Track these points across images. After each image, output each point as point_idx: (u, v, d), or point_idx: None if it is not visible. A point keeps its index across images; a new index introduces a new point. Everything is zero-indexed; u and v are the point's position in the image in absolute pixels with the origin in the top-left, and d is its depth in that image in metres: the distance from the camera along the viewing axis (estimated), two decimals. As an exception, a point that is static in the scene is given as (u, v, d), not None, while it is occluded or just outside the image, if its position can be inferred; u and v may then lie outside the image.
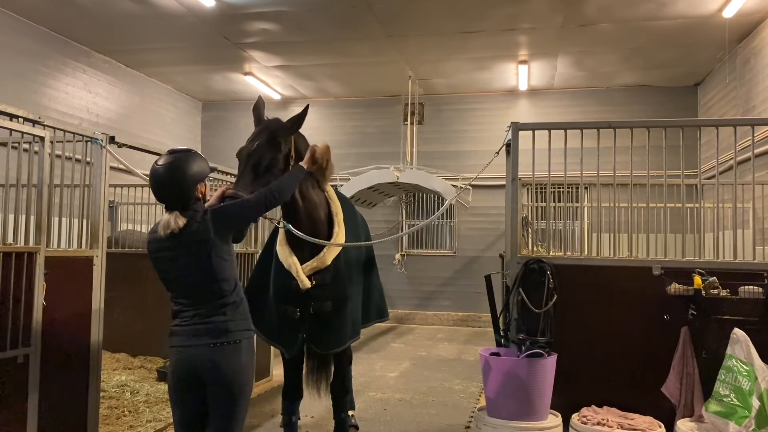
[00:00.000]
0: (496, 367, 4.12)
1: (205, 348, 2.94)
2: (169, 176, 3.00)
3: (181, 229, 2.95)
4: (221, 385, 2.96)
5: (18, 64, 9.24)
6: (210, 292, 3.00)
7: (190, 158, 3.09)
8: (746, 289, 4.32)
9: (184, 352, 2.98)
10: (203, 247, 2.96)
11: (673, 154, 4.63)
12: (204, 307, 3.00)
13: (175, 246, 2.98)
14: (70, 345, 4.28)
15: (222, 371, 2.94)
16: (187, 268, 2.99)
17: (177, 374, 3.01)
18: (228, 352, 2.97)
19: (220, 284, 3.01)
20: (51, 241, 4.34)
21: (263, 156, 3.54)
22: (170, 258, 3.01)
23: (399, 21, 9.39)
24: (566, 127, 4.88)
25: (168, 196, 3.03)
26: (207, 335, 2.95)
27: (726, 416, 3.79)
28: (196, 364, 2.94)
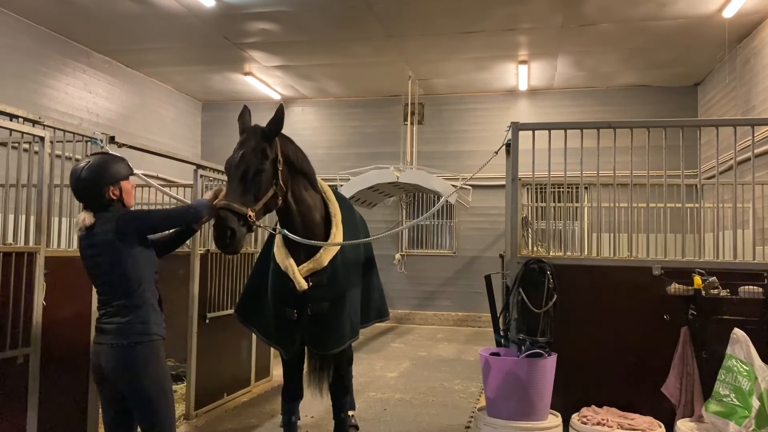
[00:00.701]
0: (496, 367, 4.12)
1: (106, 347, 3.09)
2: (81, 178, 3.14)
3: (93, 228, 3.10)
4: (124, 386, 3.10)
5: (18, 64, 9.25)
6: (115, 292, 3.13)
7: (105, 162, 3.22)
8: (746, 289, 4.32)
9: (95, 348, 3.17)
10: (109, 246, 3.09)
11: (673, 154, 4.63)
12: (111, 308, 3.14)
13: (90, 244, 3.13)
14: (70, 345, 4.28)
15: (119, 373, 3.08)
16: (100, 266, 3.14)
17: (92, 369, 3.24)
18: (124, 354, 3.08)
19: (124, 285, 3.13)
20: (51, 241, 4.34)
21: (250, 164, 3.53)
22: (89, 256, 3.15)
23: (399, 21, 9.39)
24: (566, 127, 4.88)
25: (80, 196, 3.21)
26: (109, 335, 3.10)
27: (726, 416, 3.79)
28: (101, 362, 3.11)
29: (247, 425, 5.55)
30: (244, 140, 3.66)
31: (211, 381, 5.88)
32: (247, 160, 3.53)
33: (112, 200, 3.19)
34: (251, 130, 3.72)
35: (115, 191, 3.20)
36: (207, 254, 5.86)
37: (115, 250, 3.09)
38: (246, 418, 5.74)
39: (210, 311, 5.84)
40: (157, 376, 3.16)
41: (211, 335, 5.84)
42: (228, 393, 6.21)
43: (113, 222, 3.10)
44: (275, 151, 3.69)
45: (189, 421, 5.51)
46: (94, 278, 3.21)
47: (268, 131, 3.70)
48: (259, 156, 3.57)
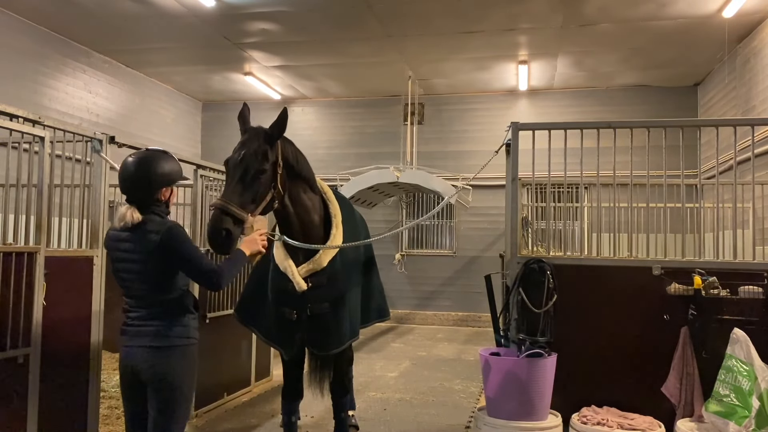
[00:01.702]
0: (496, 367, 4.12)
1: (144, 349, 3.01)
2: (136, 170, 3.04)
3: (137, 226, 2.98)
4: (155, 386, 3.03)
5: (18, 64, 9.25)
6: (153, 296, 3.05)
7: (162, 158, 3.12)
8: (746, 289, 4.32)
9: (127, 351, 3.07)
10: (152, 251, 2.98)
11: (673, 154, 4.63)
12: (145, 310, 3.05)
13: (130, 243, 3.01)
14: (70, 345, 4.28)
15: (155, 373, 3.01)
16: (137, 266, 3.02)
17: (121, 372, 3.13)
18: (161, 356, 3.02)
19: (163, 290, 3.05)
20: (51, 241, 4.34)
21: (250, 166, 3.49)
22: (125, 251, 3.03)
23: (399, 21, 9.39)
24: (566, 127, 4.88)
25: (130, 189, 3.06)
26: (147, 337, 3.02)
27: (726, 416, 3.79)
28: (135, 364, 3.03)
29: (247, 425, 5.55)
30: (246, 141, 3.62)
31: (211, 381, 5.88)
32: (248, 162, 3.50)
33: (160, 201, 3.10)
34: (254, 132, 3.69)
35: (165, 192, 3.12)
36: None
37: (158, 257, 2.99)
38: (246, 418, 5.74)
39: (210, 311, 5.84)
40: (190, 381, 3.14)
41: (211, 335, 5.83)
42: (228, 393, 6.21)
43: (162, 231, 2.98)
44: (276, 154, 3.67)
45: (189, 421, 5.51)
46: (124, 278, 3.08)
47: (271, 134, 3.67)
48: (260, 158, 3.53)
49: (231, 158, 3.57)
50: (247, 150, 3.54)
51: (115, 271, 3.11)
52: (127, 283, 3.08)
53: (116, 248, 3.07)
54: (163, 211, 3.12)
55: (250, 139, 3.63)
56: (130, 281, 3.06)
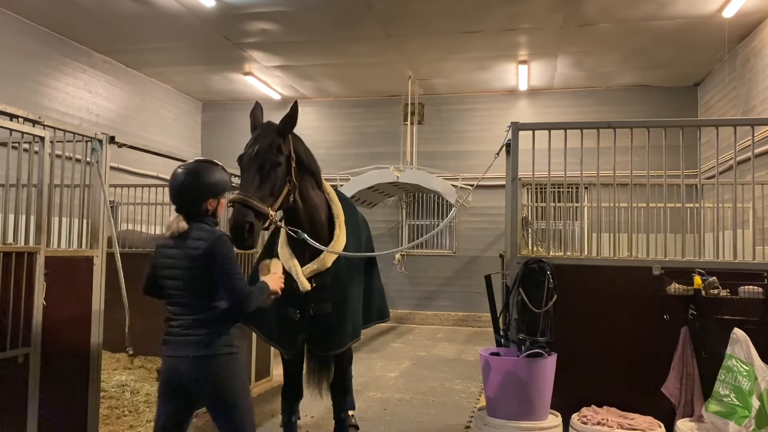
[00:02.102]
0: (496, 367, 4.12)
1: (188, 360, 2.99)
2: (184, 180, 3.08)
3: (184, 234, 3.02)
4: (207, 396, 3.03)
5: (18, 64, 9.25)
6: (197, 305, 3.04)
7: (211, 169, 3.15)
8: (746, 289, 4.32)
9: (170, 361, 3.04)
10: (199, 261, 3.00)
11: (673, 154, 4.63)
12: (191, 319, 3.03)
13: (176, 248, 3.04)
14: (70, 345, 4.28)
15: (203, 384, 2.99)
16: (182, 273, 3.03)
17: (163, 381, 3.08)
18: (208, 366, 2.99)
19: (208, 299, 3.04)
20: (51, 241, 4.34)
21: (266, 160, 3.51)
22: (171, 260, 3.06)
23: (399, 21, 9.39)
24: (566, 127, 4.88)
25: (178, 199, 3.11)
26: (190, 346, 2.99)
27: (726, 416, 3.79)
28: (180, 374, 3.00)
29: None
30: (259, 135, 3.64)
31: (211, 381, 5.87)
32: (264, 156, 3.51)
33: (207, 211, 3.12)
34: (266, 126, 3.70)
35: (213, 203, 3.14)
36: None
37: (203, 264, 3.00)
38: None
39: (210, 311, 5.83)
40: (243, 387, 3.14)
41: (211, 335, 5.83)
42: (228, 393, 6.20)
43: (210, 239, 3.01)
44: (288, 147, 3.70)
45: (189, 421, 5.50)
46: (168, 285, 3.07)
47: (283, 128, 3.70)
48: (275, 151, 3.55)
49: (245, 154, 3.57)
50: (261, 144, 3.56)
51: (160, 278, 3.11)
52: (170, 291, 3.07)
53: (162, 255, 3.09)
54: (211, 221, 3.14)
55: (263, 133, 3.64)
56: (174, 289, 3.06)
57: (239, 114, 13.77)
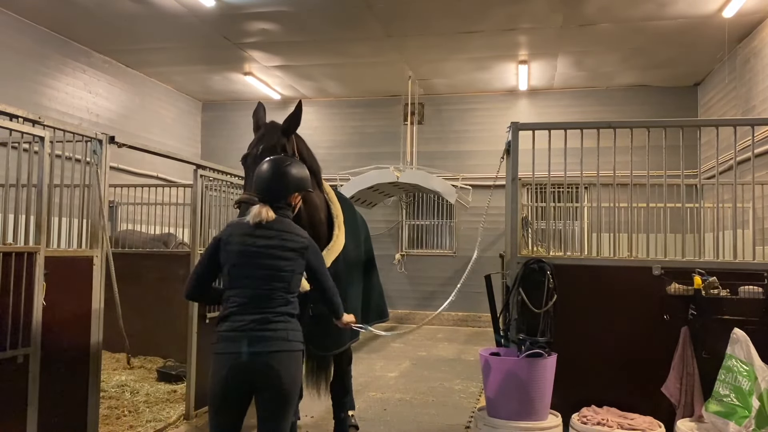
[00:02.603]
0: (496, 367, 4.12)
1: (264, 355, 2.93)
2: (278, 170, 3.13)
3: (269, 224, 3.02)
4: (276, 392, 2.97)
5: (18, 64, 9.24)
6: (279, 296, 3.02)
7: (299, 165, 3.27)
8: (746, 289, 4.32)
9: (239, 357, 2.93)
10: (300, 250, 3.07)
11: (673, 154, 4.63)
12: (267, 313, 2.97)
13: (266, 237, 3.01)
14: (70, 345, 4.28)
15: (277, 378, 2.94)
16: (273, 264, 3.00)
17: (227, 380, 2.95)
18: (285, 361, 2.96)
19: (286, 293, 3.05)
20: (51, 241, 4.33)
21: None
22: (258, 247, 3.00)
23: (399, 21, 9.39)
24: (566, 127, 4.88)
25: (268, 187, 3.12)
26: (268, 341, 2.94)
27: (726, 416, 3.79)
28: (252, 371, 2.93)
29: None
30: (263, 135, 3.65)
31: (211, 381, 5.87)
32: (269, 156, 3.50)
33: (289, 205, 3.20)
34: (270, 126, 3.71)
35: (296, 198, 3.25)
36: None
37: (296, 260, 3.06)
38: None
39: (210, 311, 5.83)
40: (300, 384, 3.20)
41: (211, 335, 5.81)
42: (228, 393, 6.20)
43: (309, 239, 3.15)
44: (292, 147, 3.70)
45: (189, 421, 5.50)
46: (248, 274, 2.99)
47: (287, 127, 3.71)
48: (279, 151, 3.57)
49: (249, 154, 3.58)
50: (266, 144, 3.57)
51: (232, 266, 3.00)
52: (246, 280, 2.99)
53: (243, 243, 2.99)
54: (290, 215, 3.19)
55: (268, 133, 3.66)
56: (252, 278, 2.98)
57: (239, 114, 13.77)
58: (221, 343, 2.98)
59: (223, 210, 6.44)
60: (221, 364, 2.95)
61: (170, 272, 7.41)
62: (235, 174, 6.42)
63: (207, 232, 6.09)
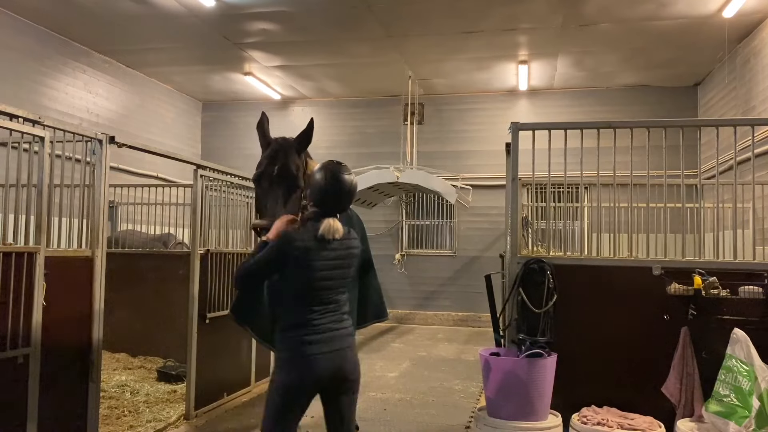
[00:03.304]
0: (496, 367, 4.12)
1: (342, 351, 3.11)
2: (352, 183, 3.25)
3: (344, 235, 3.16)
4: (353, 384, 3.19)
5: (18, 64, 9.24)
6: (345, 300, 3.24)
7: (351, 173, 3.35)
8: (746, 289, 4.32)
9: (327, 356, 3.05)
10: (360, 257, 3.27)
11: (673, 154, 4.63)
12: (341, 313, 3.18)
13: (338, 249, 3.13)
14: (70, 345, 4.28)
15: (356, 371, 3.19)
16: (344, 273, 3.18)
17: (314, 379, 3.04)
18: (351, 353, 3.19)
19: (348, 293, 3.27)
20: (51, 241, 4.34)
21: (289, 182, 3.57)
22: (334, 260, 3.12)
23: (399, 21, 9.39)
24: (566, 127, 4.88)
25: (343, 200, 3.22)
26: (345, 339, 3.15)
27: (726, 416, 3.79)
28: (336, 367, 3.07)
29: (247, 425, 5.55)
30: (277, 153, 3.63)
31: (211, 381, 5.88)
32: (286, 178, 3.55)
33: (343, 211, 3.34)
34: (283, 144, 3.69)
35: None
36: (207, 254, 5.86)
37: (358, 262, 3.26)
38: (246, 418, 5.74)
39: (210, 311, 5.84)
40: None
41: (211, 335, 5.83)
42: (228, 393, 6.21)
43: (357, 239, 3.28)
44: (303, 164, 3.72)
45: (189, 421, 5.51)
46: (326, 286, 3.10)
47: (299, 145, 3.72)
48: (298, 174, 3.59)
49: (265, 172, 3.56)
50: (282, 164, 3.56)
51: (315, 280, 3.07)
52: (328, 292, 3.12)
53: (321, 258, 3.07)
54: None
55: (282, 152, 3.64)
56: (327, 289, 3.11)
57: (239, 114, 13.77)
58: (302, 347, 3.04)
59: (223, 210, 6.45)
60: (303, 365, 3.04)
61: (170, 272, 7.42)
62: (235, 174, 6.42)
63: (207, 232, 6.09)
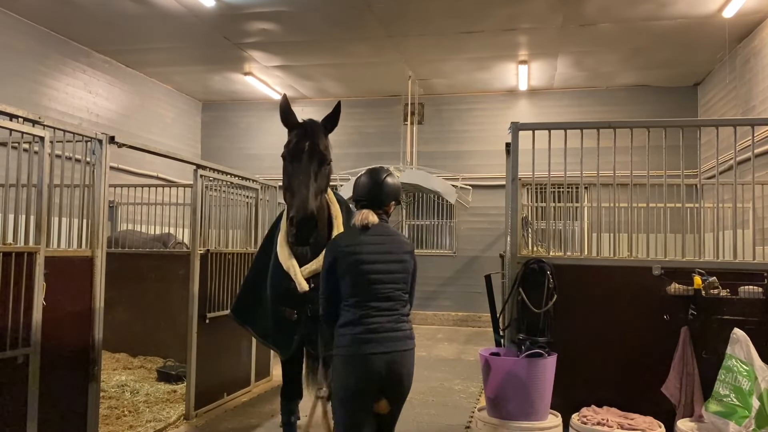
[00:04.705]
0: (496, 367, 4.12)
1: (404, 353, 3.15)
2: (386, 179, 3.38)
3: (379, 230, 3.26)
4: (403, 388, 3.18)
5: (18, 64, 9.24)
6: (403, 302, 3.27)
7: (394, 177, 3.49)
8: (746, 289, 4.32)
9: (381, 357, 3.08)
10: (410, 252, 3.36)
11: (673, 154, 4.63)
12: (395, 314, 3.20)
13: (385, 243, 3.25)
14: (70, 345, 4.28)
15: (407, 376, 3.18)
16: (396, 266, 3.25)
17: (369, 378, 3.08)
18: (410, 357, 3.20)
19: (404, 293, 3.30)
20: (51, 241, 4.34)
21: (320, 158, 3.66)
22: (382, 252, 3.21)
23: (399, 21, 9.39)
24: (566, 127, 4.88)
25: (374, 194, 3.35)
26: (403, 341, 3.17)
27: (726, 416, 3.79)
28: (389, 369, 3.09)
29: (247, 425, 5.56)
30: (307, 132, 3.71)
31: (211, 381, 5.88)
32: (318, 154, 3.64)
33: (386, 212, 3.42)
34: (313, 124, 3.78)
35: (392, 206, 3.46)
36: (207, 254, 5.86)
37: (409, 263, 3.33)
38: (246, 418, 5.74)
39: (210, 311, 5.84)
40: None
41: (211, 335, 5.84)
42: (228, 393, 6.21)
43: (410, 243, 3.43)
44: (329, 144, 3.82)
45: (189, 421, 5.51)
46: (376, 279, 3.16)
47: (327, 127, 3.80)
48: (325, 151, 3.69)
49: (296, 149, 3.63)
50: (312, 141, 3.65)
51: (365, 273, 3.15)
52: (379, 285, 3.16)
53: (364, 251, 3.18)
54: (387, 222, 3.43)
55: (313, 131, 3.73)
56: (380, 283, 3.17)
57: (239, 114, 13.76)
58: (356, 345, 3.10)
59: (223, 210, 6.45)
60: (358, 364, 3.08)
61: (170, 272, 7.42)
62: (235, 174, 6.42)
63: (207, 232, 6.10)
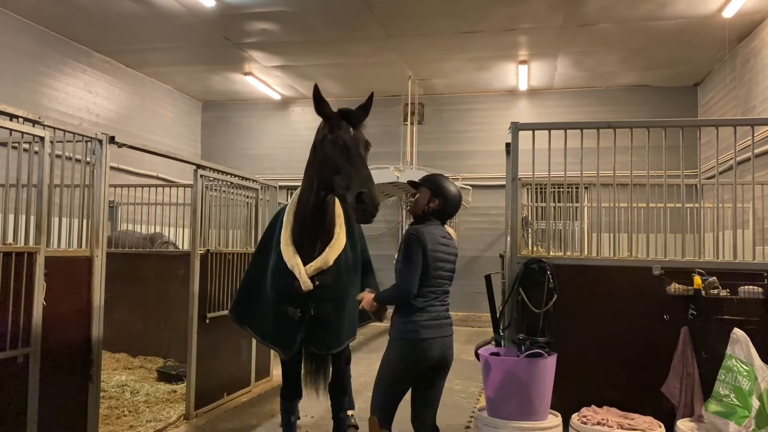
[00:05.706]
0: (496, 367, 4.12)
1: (450, 339, 3.77)
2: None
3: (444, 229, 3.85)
4: (448, 368, 3.78)
5: (18, 64, 9.25)
6: (448, 292, 3.81)
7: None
8: (746, 289, 4.32)
9: (437, 341, 3.64)
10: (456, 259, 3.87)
11: (673, 154, 4.63)
12: (447, 305, 3.79)
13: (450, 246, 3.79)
14: (70, 345, 4.28)
15: (452, 355, 3.77)
16: (453, 267, 3.82)
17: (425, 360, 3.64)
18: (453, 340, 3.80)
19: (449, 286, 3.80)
20: (51, 241, 4.34)
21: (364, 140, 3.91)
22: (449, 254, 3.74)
23: (399, 21, 9.39)
24: (566, 127, 4.88)
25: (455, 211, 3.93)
26: (448, 327, 3.76)
27: (726, 416, 3.79)
28: (443, 351, 3.67)
29: (247, 425, 5.55)
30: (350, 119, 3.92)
31: (211, 381, 5.88)
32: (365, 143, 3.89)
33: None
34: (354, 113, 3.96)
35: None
36: (207, 254, 5.86)
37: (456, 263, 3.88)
38: (246, 418, 5.74)
39: (210, 311, 5.84)
40: None
41: (211, 335, 5.84)
42: (228, 393, 6.21)
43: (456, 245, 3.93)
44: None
45: (189, 421, 5.51)
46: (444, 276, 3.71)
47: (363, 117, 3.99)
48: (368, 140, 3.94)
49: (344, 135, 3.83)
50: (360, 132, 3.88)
51: (437, 269, 3.66)
52: (441, 280, 3.70)
53: (441, 251, 3.69)
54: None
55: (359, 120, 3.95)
56: (444, 278, 3.72)
57: (239, 114, 13.75)
58: (423, 330, 3.60)
59: (223, 210, 6.45)
60: (421, 347, 3.60)
61: (170, 272, 7.42)
62: (235, 174, 6.42)
63: (207, 232, 6.09)
